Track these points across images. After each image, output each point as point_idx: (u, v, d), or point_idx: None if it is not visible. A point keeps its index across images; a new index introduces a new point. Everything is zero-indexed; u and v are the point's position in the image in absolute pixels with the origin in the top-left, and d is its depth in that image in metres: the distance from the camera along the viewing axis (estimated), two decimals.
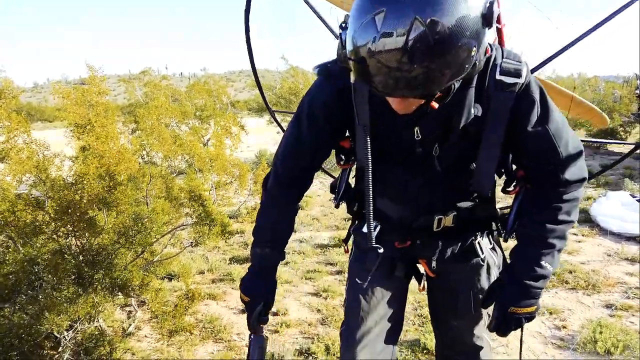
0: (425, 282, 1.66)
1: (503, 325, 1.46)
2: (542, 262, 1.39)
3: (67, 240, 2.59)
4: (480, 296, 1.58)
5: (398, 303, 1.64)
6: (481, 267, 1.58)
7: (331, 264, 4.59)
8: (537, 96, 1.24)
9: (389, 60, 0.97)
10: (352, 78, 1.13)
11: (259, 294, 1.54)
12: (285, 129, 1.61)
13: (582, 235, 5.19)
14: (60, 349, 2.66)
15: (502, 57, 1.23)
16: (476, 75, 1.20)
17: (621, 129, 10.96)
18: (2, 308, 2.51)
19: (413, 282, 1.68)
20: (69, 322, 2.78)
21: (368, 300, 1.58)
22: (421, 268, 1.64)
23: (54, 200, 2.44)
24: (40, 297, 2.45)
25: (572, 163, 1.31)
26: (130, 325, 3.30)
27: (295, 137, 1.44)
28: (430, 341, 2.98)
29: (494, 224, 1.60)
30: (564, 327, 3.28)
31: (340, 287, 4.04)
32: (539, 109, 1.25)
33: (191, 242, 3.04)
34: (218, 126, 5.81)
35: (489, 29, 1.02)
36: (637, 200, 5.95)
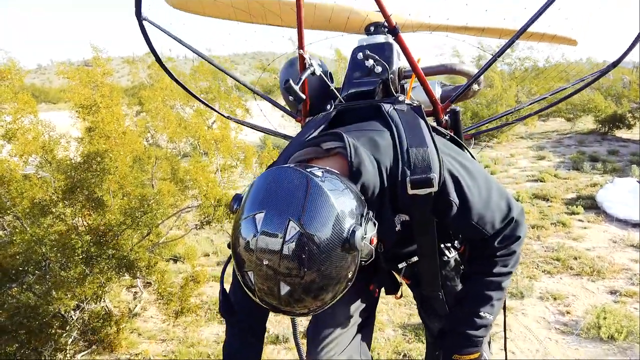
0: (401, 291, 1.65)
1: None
2: (481, 313, 1.38)
3: (75, 220, 2.60)
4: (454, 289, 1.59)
5: (367, 304, 1.62)
6: (448, 263, 1.57)
7: None
8: (452, 196, 1.21)
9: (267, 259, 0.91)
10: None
11: None
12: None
13: (588, 221, 5.17)
14: (67, 328, 2.69)
15: (409, 168, 1.16)
16: (387, 197, 1.18)
17: (630, 115, 10.84)
18: (10, 288, 2.53)
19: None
20: (76, 302, 2.80)
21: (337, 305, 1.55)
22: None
23: (60, 180, 2.44)
24: (48, 276, 2.47)
25: (502, 234, 1.32)
26: (136, 306, 3.33)
27: None
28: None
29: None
30: (568, 313, 3.29)
31: None
32: (457, 207, 1.22)
33: (196, 225, 3.05)
34: (223, 108, 5.78)
35: (354, 253, 0.97)
36: None
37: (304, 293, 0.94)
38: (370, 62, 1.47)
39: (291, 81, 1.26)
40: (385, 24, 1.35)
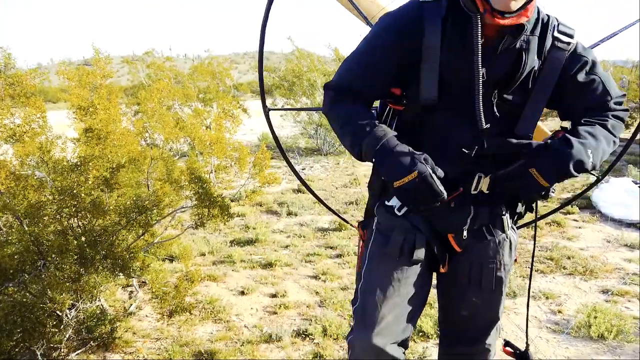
0: (445, 261, 1.59)
1: (511, 182, 1.46)
2: (588, 151, 1.38)
3: (70, 221, 2.63)
4: (504, 273, 1.61)
5: (418, 289, 1.57)
6: (505, 242, 1.59)
7: (331, 248, 4.63)
8: (585, 55, 1.44)
9: None
10: None
11: (421, 157, 1.37)
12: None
13: (583, 221, 5.21)
14: (62, 327, 2.72)
15: (558, 22, 1.42)
16: (539, 26, 1.38)
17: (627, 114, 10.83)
18: (7, 287, 2.57)
19: None
20: (71, 301, 2.84)
21: (388, 286, 1.52)
22: (435, 252, 1.59)
23: (57, 181, 2.47)
24: (44, 276, 2.50)
25: (620, 100, 1.52)
26: (131, 305, 3.36)
27: (363, 51, 1.47)
28: (425, 324, 3.02)
29: (519, 205, 1.62)
30: (560, 312, 3.32)
31: (339, 270, 4.08)
32: (589, 63, 1.44)
33: (191, 225, 3.08)
34: (220, 108, 5.82)
35: None
36: (639, 186, 5.94)
37: None
38: None
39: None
40: None
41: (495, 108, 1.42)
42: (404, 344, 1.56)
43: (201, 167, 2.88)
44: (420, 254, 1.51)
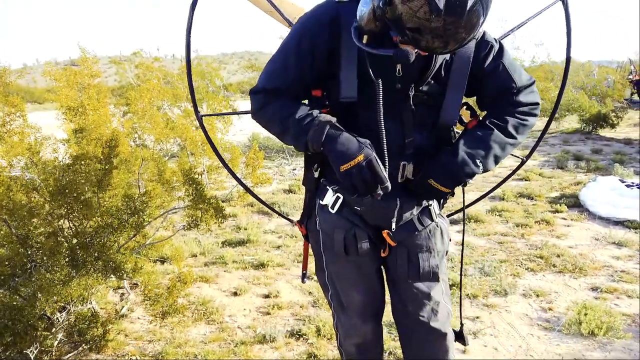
0: (386, 247, 1.71)
1: (420, 189, 1.59)
2: (477, 160, 1.53)
3: (61, 222, 2.60)
4: (438, 260, 1.70)
5: (375, 271, 1.75)
6: (436, 230, 1.70)
7: None
8: (491, 40, 1.50)
9: (454, 22, 1.13)
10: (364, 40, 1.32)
11: (366, 142, 1.43)
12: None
13: (571, 219, 5.27)
14: (53, 330, 2.69)
15: None
16: None
17: (613, 114, 11.02)
18: None
19: None
20: (62, 304, 2.80)
21: (350, 274, 1.71)
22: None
23: (49, 182, 2.44)
24: (34, 279, 2.47)
25: (526, 89, 1.56)
26: (123, 307, 3.33)
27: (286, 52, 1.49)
28: None
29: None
30: (550, 310, 3.36)
31: None
32: (495, 50, 1.50)
33: (184, 226, 3.06)
34: (211, 109, 5.79)
35: None
36: (626, 185, 6.03)
37: (482, 7, 1.14)
38: None
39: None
40: None
41: (411, 101, 1.50)
42: (379, 316, 1.83)
43: (193, 168, 2.86)
44: (364, 246, 1.64)
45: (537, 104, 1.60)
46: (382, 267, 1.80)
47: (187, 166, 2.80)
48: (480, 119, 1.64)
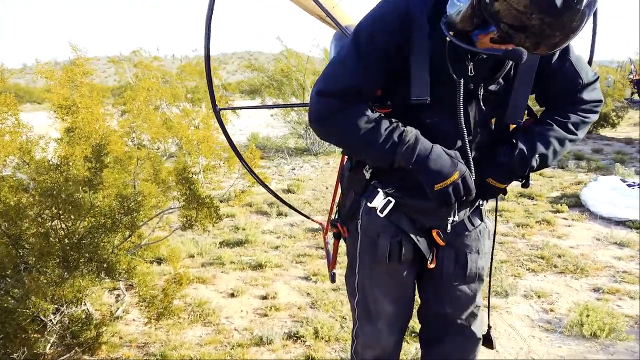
0: (433, 256, 1.64)
1: (479, 189, 1.51)
2: (536, 156, 1.48)
3: (53, 223, 2.55)
4: (485, 262, 1.65)
5: (410, 283, 1.69)
6: (485, 230, 1.65)
7: (322, 248, 4.58)
8: None
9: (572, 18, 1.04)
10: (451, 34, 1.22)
11: (457, 156, 1.40)
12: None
13: (572, 219, 5.22)
14: (46, 333, 2.64)
15: None
16: None
17: (614, 114, 10.97)
18: None
19: None
20: (55, 306, 2.75)
21: (384, 283, 1.64)
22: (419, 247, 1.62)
23: (39, 182, 2.39)
24: (26, 280, 2.42)
25: (590, 86, 1.51)
26: (118, 309, 3.28)
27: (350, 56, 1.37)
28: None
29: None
30: (552, 311, 3.31)
31: None
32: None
33: (180, 226, 3.01)
34: (209, 108, 5.74)
35: None
36: (627, 185, 5.98)
37: (588, 10, 1.05)
38: None
39: None
40: None
41: (481, 102, 1.44)
42: (404, 329, 1.76)
43: (189, 168, 2.81)
44: (408, 254, 1.57)
45: (600, 101, 1.55)
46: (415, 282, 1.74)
47: (181, 166, 2.74)
48: (538, 116, 1.58)
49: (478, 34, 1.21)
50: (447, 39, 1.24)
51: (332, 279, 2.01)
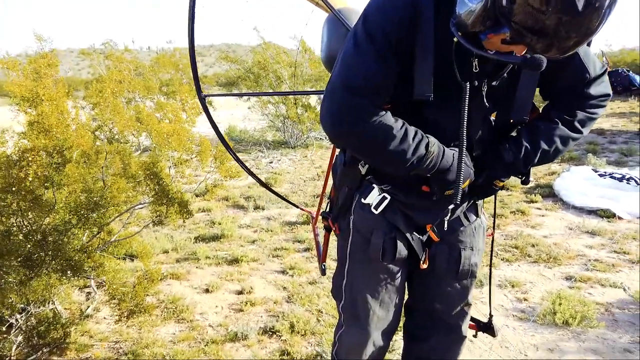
0: (426, 256, 1.60)
1: (483, 190, 1.52)
2: (537, 153, 1.45)
3: (16, 220, 2.46)
4: (478, 258, 1.62)
5: (401, 284, 1.64)
6: (480, 227, 1.62)
7: (299, 242, 4.55)
8: None
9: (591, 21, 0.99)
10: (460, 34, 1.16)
11: (470, 166, 1.40)
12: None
13: (546, 209, 5.30)
14: (11, 333, 2.55)
15: None
16: None
17: None
18: None
19: None
20: (22, 306, 2.66)
21: (375, 284, 1.59)
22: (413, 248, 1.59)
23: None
24: None
25: (597, 80, 1.45)
26: (88, 307, 3.20)
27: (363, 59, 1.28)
28: None
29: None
30: (525, 300, 3.35)
31: (308, 264, 4.01)
32: None
33: (150, 222, 2.94)
34: (178, 100, 5.63)
35: None
36: (599, 175, 6.09)
37: (607, 13, 1.00)
38: None
39: None
40: None
41: (485, 99, 1.39)
42: (391, 333, 1.71)
43: (158, 162, 2.73)
44: (402, 253, 1.54)
45: (608, 95, 1.49)
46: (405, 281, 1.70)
47: (149, 160, 2.67)
48: (540, 111, 1.53)
49: (488, 34, 1.15)
50: (455, 39, 1.19)
51: (323, 272, 1.95)
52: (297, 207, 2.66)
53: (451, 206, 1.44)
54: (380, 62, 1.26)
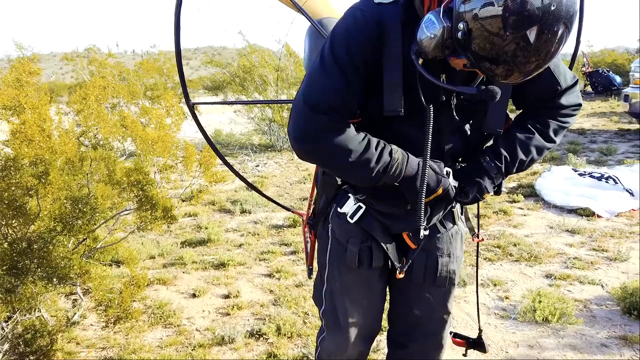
0: (403, 265, 1.60)
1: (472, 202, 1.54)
2: (515, 163, 1.49)
3: (0, 228, 2.46)
4: (457, 266, 1.64)
5: (380, 290, 1.67)
6: (457, 234, 1.64)
7: (285, 245, 4.59)
8: None
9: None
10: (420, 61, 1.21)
11: (442, 171, 1.41)
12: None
13: (528, 209, 5.40)
14: None
15: None
16: None
17: None
18: None
19: None
20: (7, 314, 2.66)
21: (354, 291, 1.61)
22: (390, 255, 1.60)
23: None
24: None
25: (569, 90, 1.49)
26: (75, 314, 3.20)
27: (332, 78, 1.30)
28: None
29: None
30: (507, 298, 3.43)
31: (294, 267, 4.05)
32: None
33: (134, 228, 2.95)
34: (161, 106, 5.63)
35: None
36: (579, 174, 6.23)
37: (564, 39, 1.04)
38: None
39: None
40: None
41: (454, 112, 1.42)
42: (372, 338, 1.75)
43: (142, 168, 2.75)
44: (378, 261, 1.56)
45: (579, 105, 1.53)
46: (386, 288, 1.72)
47: (133, 166, 2.69)
48: (513, 120, 1.56)
49: (450, 57, 1.20)
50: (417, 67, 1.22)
51: (310, 273, 1.95)
52: (288, 209, 2.70)
53: (423, 214, 1.45)
54: (344, 83, 1.29)
